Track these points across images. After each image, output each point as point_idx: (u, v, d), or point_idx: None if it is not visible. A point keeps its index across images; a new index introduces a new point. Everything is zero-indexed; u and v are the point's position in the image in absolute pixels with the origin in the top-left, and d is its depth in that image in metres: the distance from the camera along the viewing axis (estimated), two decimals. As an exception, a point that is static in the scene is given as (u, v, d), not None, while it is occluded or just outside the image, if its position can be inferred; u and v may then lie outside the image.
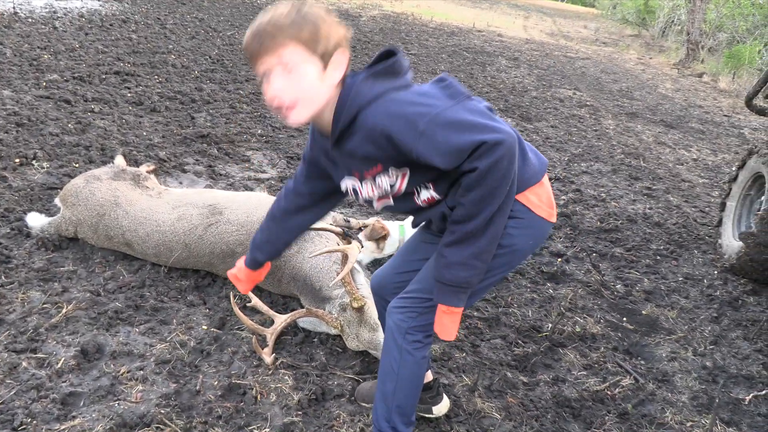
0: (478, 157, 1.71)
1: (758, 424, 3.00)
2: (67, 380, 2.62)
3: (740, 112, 11.34)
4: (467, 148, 1.71)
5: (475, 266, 1.87)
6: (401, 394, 2.19)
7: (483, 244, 1.84)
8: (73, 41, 8.02)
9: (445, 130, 1.71)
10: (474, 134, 1.70)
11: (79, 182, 3.57)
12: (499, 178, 1.74)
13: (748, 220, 4.81)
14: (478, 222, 1.80)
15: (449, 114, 1.73)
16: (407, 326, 2.11)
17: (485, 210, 1.78)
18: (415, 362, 2.15)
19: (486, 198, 1.76)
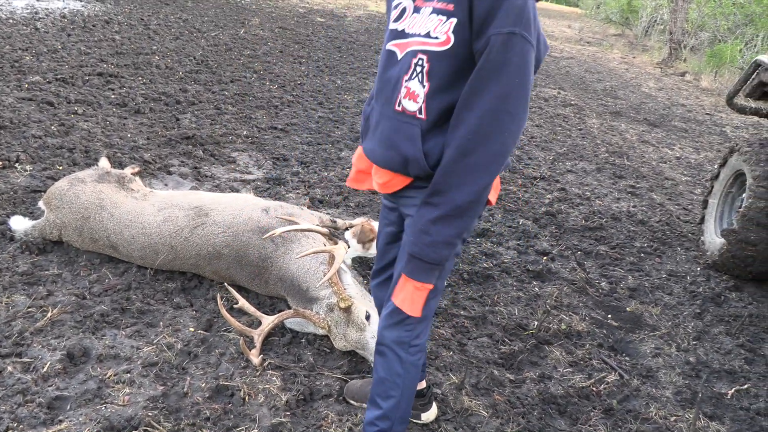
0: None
1: (740, 418, 3.04)
2: (53, 384, 2.60)
3: (722, 111, 11.49)
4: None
5: (455, 245, 1.87)
6: (405, 405, 2.21)
7: (467, 223, 1.84)
8: (56, 42, 7.95)
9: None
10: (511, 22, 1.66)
11: (63, 185, 3.54)
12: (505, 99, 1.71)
13: (729, 217, 4.88)
14: (470, 192, 1.77)
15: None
16: (410, 340, 2.11)
17: (480, 165, 1.75)
18: (416, 369, 2.17)
19: (485, 137, 1.73)
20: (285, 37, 11.36)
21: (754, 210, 4.17)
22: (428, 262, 1.88)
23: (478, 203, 1.82)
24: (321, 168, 5.51)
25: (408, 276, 1.94)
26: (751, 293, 4.39)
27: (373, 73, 9.68)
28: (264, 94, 7.51)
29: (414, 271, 1.92)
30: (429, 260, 1.88)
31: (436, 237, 1.83)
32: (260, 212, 3.42)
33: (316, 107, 7.39)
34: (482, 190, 1.79)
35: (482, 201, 1.84)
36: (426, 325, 2.14)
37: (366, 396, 2.69)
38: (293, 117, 6.86)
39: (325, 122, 6.87)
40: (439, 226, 1.82)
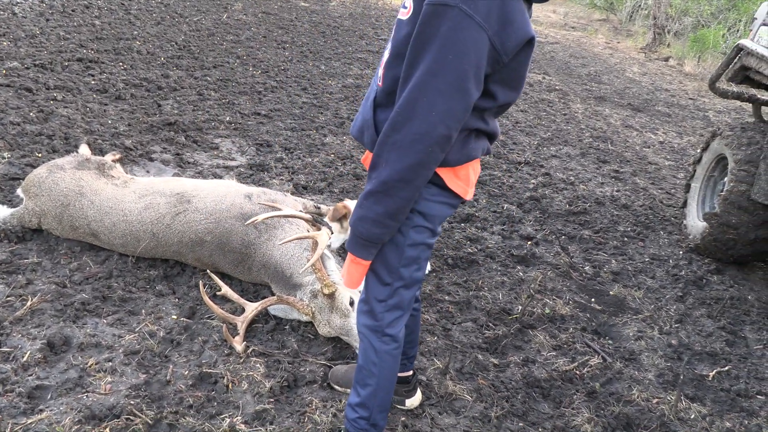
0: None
1: (721, 399, 3.09)
2: (33, 374, 2.57)
3: (705, 96, 11.55)
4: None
5: (387, 224, 1.82)
6: (382, 395, 2.20)
7: (397, 203, 1.78)
8: (34, 27, 7.79)
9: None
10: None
11: (41, 172, 3.48)
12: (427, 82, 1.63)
13: (711, 201, 4.92)
14: (394, 170, 1.72)
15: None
16: (381, 329, 2.10)
17: (404, 133, 1.68)
18: (393, 359, 2.16)
19: (410, 106, 1.66)
20: (268, 22, 11.23)
21: (735, 193, 4.20)
22: (360, 236, 1.87)
23: (406, 184, 1.74)
24: (305, 154, 5.47)
25: (348, 248, 1.95)
26: (732, 276, 4.44)
27: (357, 59, 9.61)
28: (247, 79, 7.43)
29: (350, 243, 1.92)
30: (360, 234, 1.86)
31: (365, 212, 1.81)
32: (243, 198, 3.38)
33: (300, 93, 7.32)
34: (407, 170, 1.71)
35: (412, 182, 1.75)
36: (398, 316, 2.11)
37: (350, 381, 2.69)
38: (277, 103, 6.79)
39: (309, 108, 6.81)
40: (369, 202, 1.80)
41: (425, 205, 1.93)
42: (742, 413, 3.00)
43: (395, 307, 2.08)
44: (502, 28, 1.62)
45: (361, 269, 1.97)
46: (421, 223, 1.95)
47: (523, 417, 2.77)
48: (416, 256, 2.01)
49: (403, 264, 2.00)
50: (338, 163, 5.39)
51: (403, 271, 2.01)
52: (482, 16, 1.58)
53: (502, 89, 1.79)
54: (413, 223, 1.94)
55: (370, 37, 11.55)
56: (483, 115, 1.84)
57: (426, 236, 2.00)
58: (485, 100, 1.78)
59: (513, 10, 1.63)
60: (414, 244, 1.98)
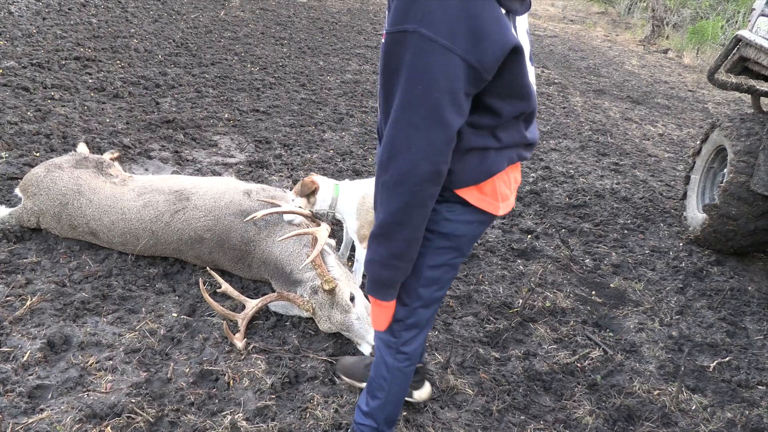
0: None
1: (722, 390, 3.09)
2: (33, 373, 2.57)
3: (704, 87, 11.53)
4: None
5: (396, 266, 1.74)
6: (390, 408, 2.20)
7: (398, 246, 1.69)
8: (30, 26, 7.77)
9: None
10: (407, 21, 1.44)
11: (39, 171, 3.48)
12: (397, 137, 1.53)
13: (711, 192, 4.91)
14: (387, 213, 1.63)
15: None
16: (396, 346, 2.06)
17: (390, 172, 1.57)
18: (404, 376, 2.13)
19: (392, 147, 1.55)
20: (266, 18, 11.20)
21: (735, 185, 4.19)
22: (374, 279, 1.80)
23: (402, 226, 1.64)
24: (304, 150, 5.46)
25: (368, 292, 1.88)
26: (732, 267, 4.44)
27: (356, 54, 9.58)
28: (245, 76, 7.41)
29: (369, 286, 1.85)
30: (373, 277, 1.80)
31: (372, 255, 1.74)
32: (242, 195, 3.38)
33: (299, 89, 7.31)
34: (399, 212, 1.61)
35: (408, 224, 1.64)
36: (414, 335, 2.06)
37: (358, 373, 2.68)
38: (275, 99, 6.78)
39: (308, 104, 6.80)
40: (374, 245, 1.72)
41: (447, 226, 1.83)
42: (743, 404, 3.00)
43: (413, 326, 2.03)
44: (475, 44, 1.45)
45: (386, 311, 1.90)
46: (443, 245, 1.86)
47: (524, 410, 2.77)
48: (437, 277, 1.93)
49: (422, 285, 1.92)
50: (337, 159, 5.38)
51: (422, 292, 1.94)
52: (446, 36, 1.42)
53: (505, 102, 1.64)
54: (434, 245, 1.85)
55: (368, 32, 11.52)
56: (494, 131, 1.70)
57: (450, 257, 1.90)
58: (489, 117, 1.65)
59: (483, 21, 1.45)
60: (435, 266, 1.89)
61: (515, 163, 1.83)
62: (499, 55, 1.49)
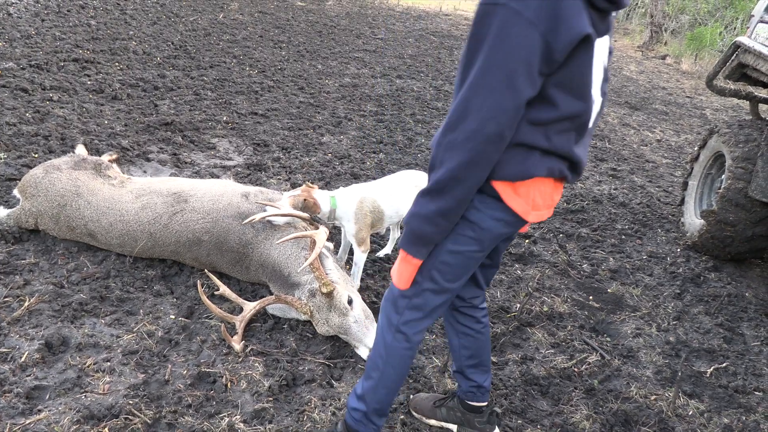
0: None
1: (719, 396, 3.09)
2: (31, 374, 2.56)
3: (702, 94, 11.57)
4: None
5: (439, 224, 1.82)
6: (383, 392, 2.18)
7: (448, 203, 1.77)
8: (29, 28, 7.77)
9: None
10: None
11: (38, 172, 3.48)
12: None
13: (709, 198, 4.92)
14: (447, 169, 1.72)
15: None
16: (397, 323, 2.08)
17: (456, 138, 1.69)
18: (400, 360, 2.13)
19: (460, 114, 1.68)
20: (265, 21, 11.22)
21: (732, 191, 4.21)
22: (412, 233, 1.87)
23: (458, 183, 1.73)
24: (302, 153, 5.47)
25: (400, 245, 1.94)
26: (729, 273, 4.45)
27: (354, 58, 9.60)
28: (244, 79, 7.42)
29: (404, 240, 1.91)
30: (411, 230, 1.86)
31: (419, 209, 1.83)
32: (240, 198, 3.38)
33: (297, 92, 7.32)
34: (459, 168, 1.71)
35: (464, 181, 1.73)
36: (417, 317, 2.07)
37: (426, 408, 2.65)
38: (274, 102, 6.79)
39: (306, 107, 6.81)
40: (424, 200, 1.81)
41: (476, 215, 1.89)
42: (739, 409, 3.00)
43: (417, 307, 2.04)
44: (554, 26, 1.60)
45: (412, 268, 1.95)
46: (467, 233, 1.91)
47: (521, 414, 2.77)
48: (452, 264, 1.97)
49: (436, 267, 1.96)
50: (336, 163, 5.38)
51: (435, 274, 1.97)
52: (532, 12, 1.57)
53: (564, 95, 1.73)
54: (459, 231, 1.91)
55: (366, 36, 11.55)
56: (547, 130, 1.77)
57: (469, 248, 1.94)
58: (546, 109, 1.73)
59: (566, 8, 1.61)
60: (453, 251, 1.94)
61: (557, 178, 1.89)
62: (574, 39, 1.62)
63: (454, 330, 2.41)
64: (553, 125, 1.77)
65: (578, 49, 1.66)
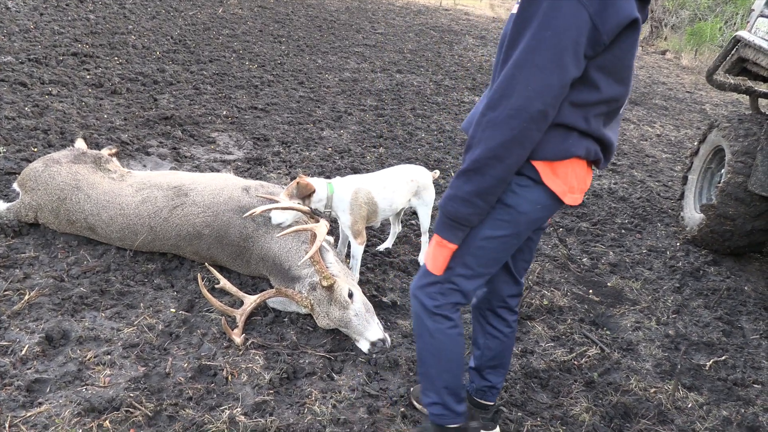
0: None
1: (718, 388, 3.10)
2: (32, 367, 2.57)
3: (702, 89, 11.56)
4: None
5: (476, 204, 1.80)
6: (446, 375, 2.16)
7: (487, 182, 1.76)
8: (28, 22, 7.75)
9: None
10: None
11: (38, 166, 3.47)
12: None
13: (708, 192, 4.93)
14: (487, 148, 1.71)
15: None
16: (432, 307, 2.05)
17: (496, 123, 1.69)
18: (450, 339, 2.09)
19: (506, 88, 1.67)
20: (264, 16, 11.20)
21: (732, 185, 4.21)
22: (447, 216, 1.85)
23: (499, 161, 1.72)
24: (302, 147, 5.46)
25: (434, 230, 1.93)
26: (729, 267, 4.45)
27: (354, 53, 9.59)
28: (243, 73, 7.41)
29: (438, 225, 1.91)
30: (447, 214, 1.85)
31: (456, 191, 1.81)
32: (241, 191, 3.38)
33: (297, 87, 7.30)
34: (500, 146, 1.70)
35: (504, 160, 1.72)
36: (455, 302, 2.04)
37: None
38: (274, 97, 6.78)
39: (306, 102, 6.80)
40: (460, 180, 1.80)
41: (513, 199, 1.88)
42: (738, 402, 3.01)
43: (450, 292, 2.03)
44: (604, 8, 1.61)
45: (446, 253, 1.93)
46: (504, 218, 1.89)
47: (521, 407, 2.78)
48: (489, 248, 1.95)
49: (471, 252, 1.95)
50: (336, 157, 5.38)
51: (470, 260, 1.96)
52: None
53: (606, 79, 1.74)
54: (496, 216, 1.90)
55: (366, 31, 11.52)
56: (586, 112, 1.78)
57: (505, 232, 1.93)
58: (588, 91, 1.74)
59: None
60: (488, 237, 1.92)
61: (591, 160, 1.90)
62: (621, 23, 1.64)
63: (483, 330, 2.38)
64: (593, 108, 1.78)
65: (624, 33, 1.67)
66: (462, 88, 8.64)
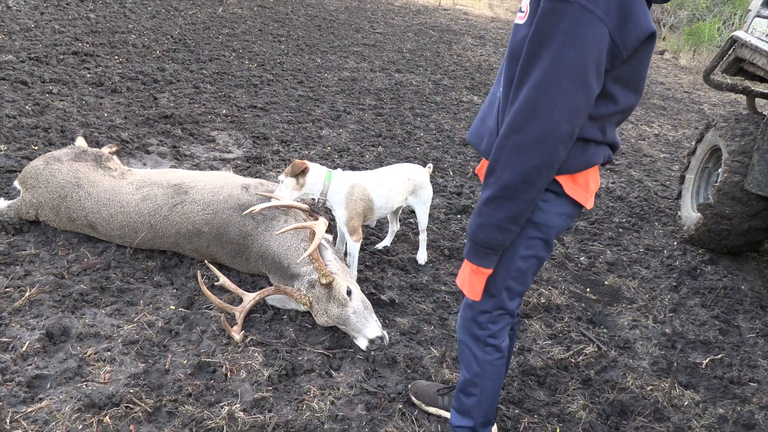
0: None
1: (714, 386, 3.12)
2: (32, 363, 2.59)
3: (700, 89, 11.58)
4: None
5: (509, 229, 1.79)
6: (486, 405, 2.21)
7: (519, 207, 1.75)
8: (28, 21, 7.76)
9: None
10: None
11: (38, 164, 3.49)
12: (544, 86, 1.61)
13: (706, 191, 4.95)
14: (517, 173, 1.69)
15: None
16: (484, 338, 2.08)
17: (520, 146, 1.66)
18: (496, 370, 2.14)
19: (525, 120, 1.64)
20: (264, 15, 11.21)
21: (729, 184, 4.23)
22: (480, 244, 1.84)
23: (530, 186, 1.71)
24: (302, 146, 5.48)
25: (466, 257, 1.92)
26: (726, 266, 4.48)
27: (353, 52, 9.61)
28: (243, 72, 7.42)
29: (470, 253, 1.89)
30: (480, 242, 1.83)
31: (486, 219, 1.79)
32: (240, 190, 3.40)
33: (296, 86, 7.32)
34: (531, 171, 1.68)
35: (535, 184, 1.71)
36: (502, 326, 2.08)
37: (427, 396, 2.67)
38: (273, 96, 6.79)
39: (306, 101, 6.82)
40: (490, 208, 1.77)
41: (542, 216, 1.88)
42: (734, 400, 3.03)
43: (500, 318, 2.06)
44: (623, 23, 1.59)
45: (483, 278, 1.93)
46: (534, 235, 1.90)
47: (519, 404, 2.80)
48: (526, 268, 1.97)
49: (512, 276, 1.97)
50: (335, 156, 5.40)
51: (511, 283, 1.98)
52: (603, 10, 1.55)
53: (622, 90, 1.74)
54: (526, 235, 1.90)
55: (365, 30, 11.54)
56: (603, 124, 1.79)
57: (539, 249, 1.95)
58: (605, 104, 1.73)
59: (632, 4, 1.60)
60: (525, 257, 1.93)
61: (603, 161, 1.91)
62: (640, 37, 1.63)
63: None
64: (610, 118, 1.79)
65: (642, 46, 1.66)
66: (461, 87, 8.66)
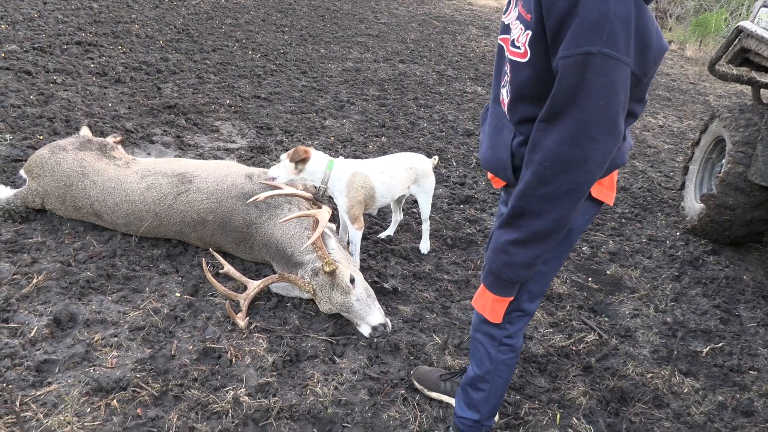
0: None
1: (714, 374, 3.14)
2: (41, 348, 2.63)
3: (706, 80, 11.53)
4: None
5: (537, 265, 1.79)
6: (494, 401, 2.26)
7: (550, 245, 1.74)
8: (31, 11, 7.77)
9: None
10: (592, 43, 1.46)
11: (44, 153, 3.52)
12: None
13: (709, 182, 4.95)
14: (550, 221, 1.67)
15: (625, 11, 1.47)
16: (501, 338, 2.10)
17: (554, 193, 1.63)
18: (508, 368, 2.18)
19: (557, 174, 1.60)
20: (267, 5, 11.19)
21: (732, 175, 4.23)
22: (505, 279, 1.83)
23: (561, 228, 1.71)
24: (305, 137, 5.50)
25: (486, 288, 1.91)
26: (728, 257, 4.49)
27: (357, 42, 9.59)
28: (246, 63, 7.43)
29: (492, 285, 1.88)
30: (506, 278, 1.83)
31: (514, 258, 1.77)
32: (244, 178, 3.42)
33: (300, 76, 7.33)
34: (566, 217, 1.68)
35: (568, 224, 1.71)
36: (520, 327, 2.10)
37: (429, 382, 2.71)
38: (276, 86, 6.80)
39: (309, 91, 6.83)
40: (518, 249, 1.75)
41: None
42: (734, 387, 3.06)
43: (518, 319, 2.08)
44: (642, 55, 1.55)
45: (506, 304, 1.94)
46: (560, 240, 1.90)
47: (520, 390, 2.83)
48: (548, 270, 1.98)
49: (534, 279, 1.97)
50: (338, 146, 5.42)
51: (532, 286, 1.99)
52: (623, 51, 1.49)
53: (639, 104, 1.74)
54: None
55: (369, 21, 11.51)
56: (625, 133, 1.80)
57: (561, 251, 1.96)
58: (627, 120, 1.72)
59: (647, 29, 1.54)
60: (548, 260, 1.94)
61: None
62: (658, 59, 1.61)
63: None
64: (628, 127, 1.81)
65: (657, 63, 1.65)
66: (465, 78, 8.65)
